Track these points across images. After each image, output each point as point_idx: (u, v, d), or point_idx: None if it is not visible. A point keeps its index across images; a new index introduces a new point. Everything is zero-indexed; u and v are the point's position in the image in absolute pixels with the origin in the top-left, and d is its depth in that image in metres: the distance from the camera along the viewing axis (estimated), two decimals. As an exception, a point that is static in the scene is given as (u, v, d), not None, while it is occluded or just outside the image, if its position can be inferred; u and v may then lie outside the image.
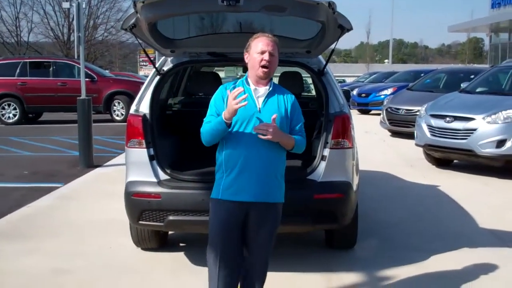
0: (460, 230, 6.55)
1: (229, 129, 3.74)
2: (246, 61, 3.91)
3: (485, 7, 35.57)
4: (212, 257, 3.90)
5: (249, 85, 3.88)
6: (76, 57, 23.57)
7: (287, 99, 3.91)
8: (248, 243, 3.92)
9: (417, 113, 11.93)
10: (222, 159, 3.82)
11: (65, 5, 27.77)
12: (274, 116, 3.71)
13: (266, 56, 3.77)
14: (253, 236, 3.88)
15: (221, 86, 3.98)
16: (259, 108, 3.81)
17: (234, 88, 3.81)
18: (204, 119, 3.90)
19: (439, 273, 5.17)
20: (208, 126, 3.80)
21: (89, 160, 10.75)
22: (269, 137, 3.67)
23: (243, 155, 3.74)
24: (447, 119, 9.98)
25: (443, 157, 10.62)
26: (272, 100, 3.85)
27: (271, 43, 3.81)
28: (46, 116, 20.97)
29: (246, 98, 3.63)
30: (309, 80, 11.70)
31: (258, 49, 3.80)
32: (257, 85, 3.87)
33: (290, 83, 5.57)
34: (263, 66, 3.78)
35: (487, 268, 4.88)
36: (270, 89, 3.87)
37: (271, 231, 3.91)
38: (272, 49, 3.80)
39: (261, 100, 3.84)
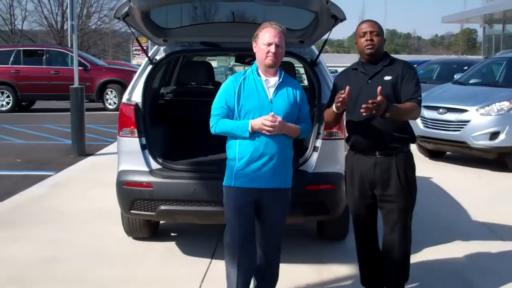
0: (453, 222, 6.55)
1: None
2: (254, 50, 3.96)
3: (479, -2, 35.55)
4: (229, 242, 4.01)
5: (259, 75, 3.94)
6: (69, 45, 23.40)
7: (296, 90, 4.00)
8: (259, 229, 4.05)
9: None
10: (235, 147, 3.90)
11: (59, -7, 27.59)
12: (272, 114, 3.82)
13: (272, 49, 3.84)
14: (264, 222, 4.01)
15: (231, 77, 4.03)
16: (270, 99, 3.90)
17: (244, 79, 3.92)
18: (213, 108, 3.96)
19: (431, 265, 5.16)
20: (228, 127, 3.88)
21: (81, 149, 10.73)
22: (271, 130, 3.78)
23: (255, 144, 3.84)
24: (440, 110, 9.95)
25: (436, 149, 10.59)
26: (282, 92, 3.94)
27: (278, 34, 3.86)
28: (39, 104, 20.87)
29: (276, 120, 3.77)
30: (301, 70, 11.67)
31: (265, 40, 3.86)
32: (267, 75, 3.93)
33: None
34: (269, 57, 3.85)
35: (480, 261, 4.87)
36: (280, 80, 3.94)
37: (281, 216, 4.05)
38: (279, 40, 3.86)
39: (271, 90, 3.92)
